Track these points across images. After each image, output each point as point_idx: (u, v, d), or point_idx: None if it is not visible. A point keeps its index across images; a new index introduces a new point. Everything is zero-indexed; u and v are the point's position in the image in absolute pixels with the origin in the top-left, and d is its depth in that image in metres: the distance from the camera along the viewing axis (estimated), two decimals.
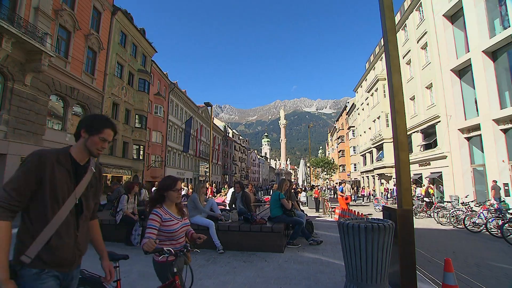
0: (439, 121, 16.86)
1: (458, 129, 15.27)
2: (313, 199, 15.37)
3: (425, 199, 13.58)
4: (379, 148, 27.28)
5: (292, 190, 8.27)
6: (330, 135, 69.98)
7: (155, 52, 25.89)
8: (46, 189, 1.36)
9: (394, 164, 3.48)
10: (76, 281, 1.55)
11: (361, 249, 2.80)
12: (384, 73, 25.32)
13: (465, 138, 15.16)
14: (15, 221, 1.34)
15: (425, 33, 18.45)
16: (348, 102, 46.90)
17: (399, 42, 21.10)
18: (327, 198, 15.96)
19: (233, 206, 7.05)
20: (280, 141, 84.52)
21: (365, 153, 33.99)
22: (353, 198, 20.88)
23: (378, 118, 26.72)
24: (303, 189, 20.50)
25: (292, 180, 61.28)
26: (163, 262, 2.03)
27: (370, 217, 3.60)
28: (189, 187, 13.13)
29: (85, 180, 1.51)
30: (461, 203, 11.25)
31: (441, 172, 16.99)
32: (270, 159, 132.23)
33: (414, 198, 13.85)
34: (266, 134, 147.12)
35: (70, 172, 1.45)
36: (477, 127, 14.01)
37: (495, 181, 11.46)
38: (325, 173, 42.38)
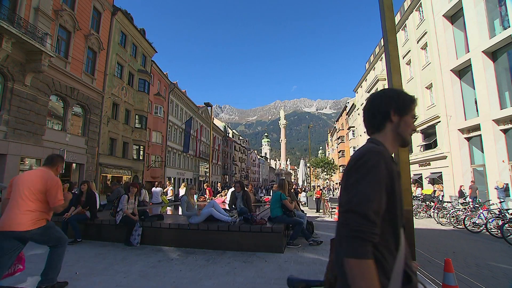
0: (439, 121, 16.86)
1: (458, 129, 15.27)
2: (314, 199, 15.38)
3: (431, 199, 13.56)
4: None
5: (292, 190, 8.27)
6: (330, 135, 69.99)
7: (155, 52, 25.90)
8: (396, 207, 0.95)
9: None
10: None
11: None
12: (384, 73, 25.32)
13: (465, 138, 15.16)
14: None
15: (425, 33, 18.46)
16: (348, 102, 46.88)
17: (399, 42, 21.10)
18: (327, 198, 15.97)
19: (233, 206, 7.06)
20: (280, 141, 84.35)
21: None
22: None
23: None
24: (303, 189, 20.51)
25: (292, 180, 61.31)
26: None
27: None
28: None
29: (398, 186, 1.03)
30: (461, 203, 11.26)
31: (441, 172, 16.99)
32: (270, 159, 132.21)
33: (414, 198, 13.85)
34: (266, 134, 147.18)
35: (399, 178, 1.03)
36: (477, 127, 14.01)
37: (473, 182, 12.90)
38: (325, 173, 42.43)
